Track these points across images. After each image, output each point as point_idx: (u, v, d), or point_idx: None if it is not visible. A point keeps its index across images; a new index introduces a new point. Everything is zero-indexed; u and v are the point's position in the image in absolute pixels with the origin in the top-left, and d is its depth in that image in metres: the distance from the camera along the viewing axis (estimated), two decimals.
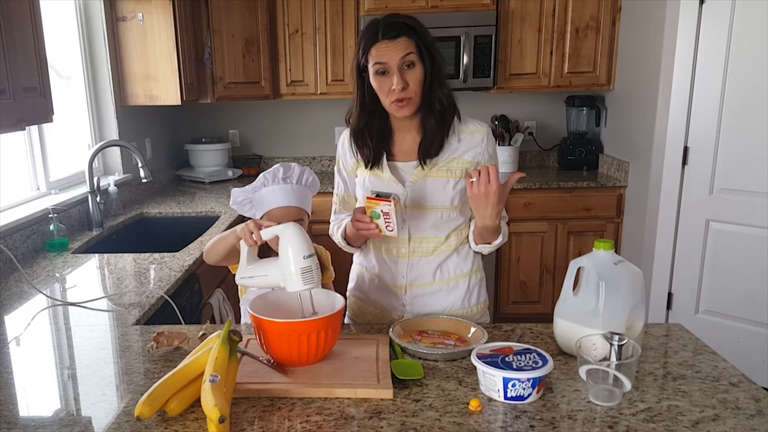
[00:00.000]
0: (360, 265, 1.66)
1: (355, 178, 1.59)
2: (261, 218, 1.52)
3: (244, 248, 1.33)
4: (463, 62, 3.44)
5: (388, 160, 1.52)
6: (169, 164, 3.85)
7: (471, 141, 1.51)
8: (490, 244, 1.51)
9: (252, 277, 1.32)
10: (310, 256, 1.23)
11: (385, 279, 1.58)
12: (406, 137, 1.53)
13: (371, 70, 1.42)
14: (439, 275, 1.55)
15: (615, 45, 3.52)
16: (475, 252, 1.60)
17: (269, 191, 1.52)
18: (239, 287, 1.67)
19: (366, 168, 1.52)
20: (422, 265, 1.55)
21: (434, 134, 1.47)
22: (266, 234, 1.29)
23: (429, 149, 1.48)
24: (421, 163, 1.48)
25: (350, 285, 1.70)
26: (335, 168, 1.64)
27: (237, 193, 1.57)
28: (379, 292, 1.60)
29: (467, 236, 1.56)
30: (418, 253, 1.54)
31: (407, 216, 1.51)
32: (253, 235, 1.30)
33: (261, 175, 1.56)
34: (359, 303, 1.66)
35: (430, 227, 1.52)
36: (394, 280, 1.57)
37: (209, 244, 1.50)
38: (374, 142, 1.50)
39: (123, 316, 1.61)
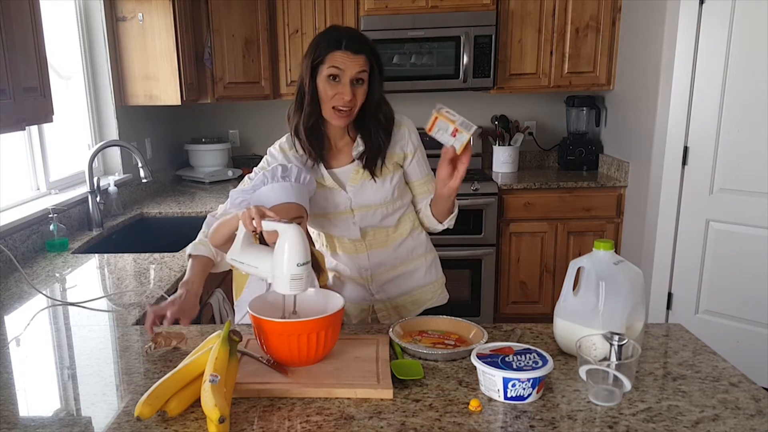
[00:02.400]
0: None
1: None
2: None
3: (241, 230, 1.31)
4: (463, 62, 3.44)
5: (325, 168, 1.59)
6: (169, 164, 3.85)
7: (396, 135, 1.60)
8: (452, 212, 1.59)
9: (243, 263, 1.31)
10: (304, 263, 1.21)
11: (350, 275, 1.68)
12: (338, 142, 1.60)
13: (324, 72, 1.47)
14: (399, 260, 1.67)
15: (615, 45, 3.52)
16: (423, 232, 1.70)
17: (268, 189, 1.52)
18: (234, 289, 1.67)
19: (310, 165, 1.58)
20: (381, 254, 1.65)
21: (384, 145, 1.56)
22: (267, 225, 1.26)
23: (375, 160, 1.56)
24: (372, 174, 1.55)
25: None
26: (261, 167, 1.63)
27: (235, 194, 1.56)
28: (346, 287, 1.70)
29: (414, 219, 1.67)
30: (375, 245, 1.64)
31: (356, 219, 1.59)
32: (254, 222, 1.27)
33: (260, 174, 1.56)
34: None
35: (378, 222, 1.62)
36: (359, 273, 1.67)
37: (213, 227, 1.48)
38: (318, 139, 1.57)
39: (123, 316, 1.61)
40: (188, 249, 1.53)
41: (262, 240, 1.48)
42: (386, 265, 1.66)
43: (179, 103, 3.17)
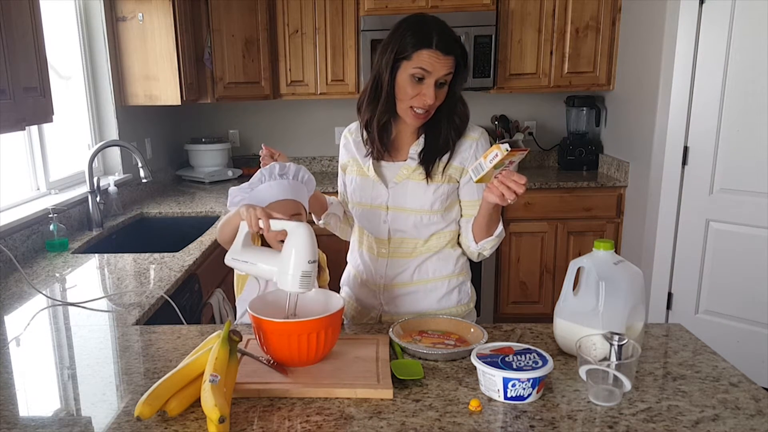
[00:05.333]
0: (350, 263, 1.71)
1: (344, 174, 1.64)
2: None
3: (243, 229, 1.30)
4: None
5: (376, 159, 1.54)
6: (169, 164, 3.85)
7: (460, 146, 1.52)
8: (491, 235, 1.48)
9: (246, 262, 1.30)
10: (313, 261, 1.22)
11: (366, 277, 1.62)
12: (400, 137, 1.54)
13: (409, 70, 1.38)
14: (417, 276, 1.57)
15: (615, 45, 3.52)
16: (461, 255, 1.60)
17: (267, 187, 1.52)
18: (235, 287, 1.67)
19: (371, 157, 1.54)
20: (401, 265, 1.56)
21: (447, 146, 1.49)
22: (275, 225, 1.26)
23: (434, 159, 1.49)
24: (427, 173, 1.49)
25: (342, 278, 1.74)
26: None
27: (234, 192, 1.56)
28: (361, 289, 1.64)
29: (450, 240, 1.57)
30: (398, 254, 1.56)
31: (388, 218, 1.53)
32: (261, 222, 1.25)
33: (258, 172, 1.56)
34: (346, 298, 1.69)
35: (410, 229, 1.53)
36: (374, 279, 1.60)
37: (219, 225, 1.47)
38: (386, 135, 1.52)
39: (123, 316, 1.61)
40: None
41: (263, 243, 1.49)
42: (402, 279, 1.57)
43: (179, 103, 3.17)
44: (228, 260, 1.33)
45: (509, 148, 1.21)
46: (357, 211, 1.60)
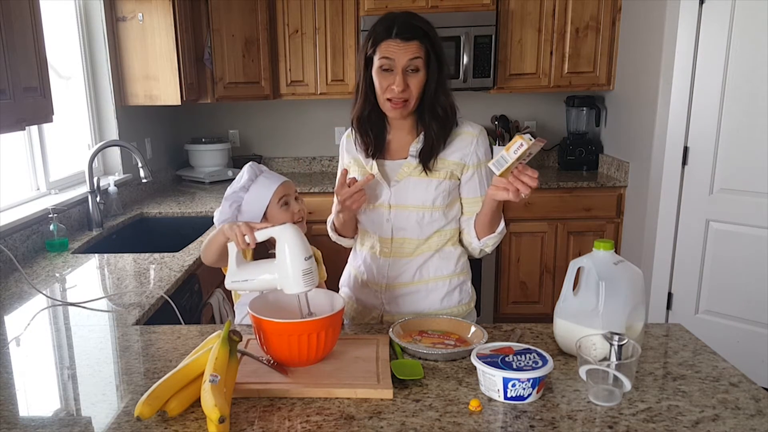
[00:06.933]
0: (350, 264, 1.71)
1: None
2: (267, 206, 1.53)
3: (232, 250, 1.30)
4: (463, 62, 3.44)
5: (377, 158, 1.55)
6: (169, 164, 3.85)
7: (459, 142, 1.52)
8: (494, 232, 1.50)
9: (246, 281, 1.29)
10: (309, 257, 1.22)
11: (367, 278, 1.62)
12: (398, 134, 1.55)
13: (376, 63, 1.44)
14: (418, 276, 1.57)
15: (615, 45, 3.52)
16: (461, 254, 1.60)
17: (262, 178, 1.55)
18: (233, 292, 1.67)
19: (368, 156, 1.55)
20: (402, 265, 1.57)
21: (437, 139, 1.49)
22: (261, 235, 1.26)
23: (430, 154, 1.50)
24: (424, 168, 1.50)
25: (342, 280, 1.74)
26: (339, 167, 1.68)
27: (225, 211, 1.55)
28: (362, 289, 1.64)
29: (451, 238, 1.58)
30: (399, 254, 1.56)
31: (390, 216, 1.53)
32: (246, 237, 1.25)
33: (239, 179, 1.56)
34: (346, 299, 1.69)
35: (412, 227, 1.54)
36: (375, 279, 1.60)
37: (203, 246, 1.49)
38: (374, 132, 1.53)
39: (123, 316, 1.61)
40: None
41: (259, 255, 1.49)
42: (404, 279, 1.57)
43: (179, 103, 3.17)
44: (228, 284, 1.33)
45: (532, 138, 1.22)
46: (360, 211, 1.60)
